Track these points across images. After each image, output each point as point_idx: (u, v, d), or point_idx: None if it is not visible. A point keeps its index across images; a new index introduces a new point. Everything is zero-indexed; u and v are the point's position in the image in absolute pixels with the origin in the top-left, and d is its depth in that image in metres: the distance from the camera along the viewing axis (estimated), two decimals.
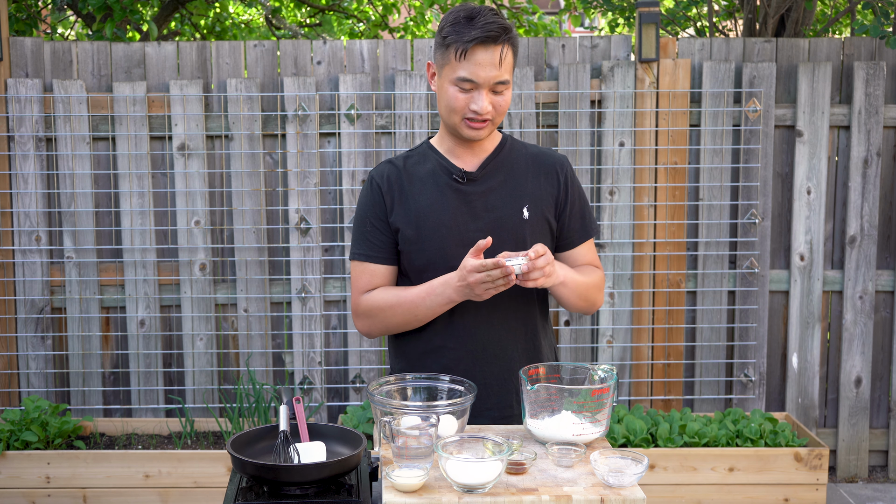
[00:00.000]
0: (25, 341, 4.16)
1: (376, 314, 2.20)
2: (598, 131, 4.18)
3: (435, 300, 2.13)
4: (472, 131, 2.14)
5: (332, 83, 4.16)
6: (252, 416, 3.96)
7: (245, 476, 1.83)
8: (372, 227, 2.22)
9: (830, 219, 4.29)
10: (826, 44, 4.25)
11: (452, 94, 2.10)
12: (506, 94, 2.12)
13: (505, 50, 2.08)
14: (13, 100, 4.05)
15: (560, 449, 1.82)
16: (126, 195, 4.11)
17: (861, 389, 4.28)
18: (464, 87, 2.09)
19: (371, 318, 2.22)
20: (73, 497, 3.74)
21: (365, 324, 2.24)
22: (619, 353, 4.23)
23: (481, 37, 2.04)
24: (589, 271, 2.27)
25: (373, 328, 2.24)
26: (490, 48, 2.06)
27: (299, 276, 4.16)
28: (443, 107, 2.15)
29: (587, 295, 2.23)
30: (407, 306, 2.16)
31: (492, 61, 2.06)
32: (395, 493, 1.68)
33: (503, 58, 2.07)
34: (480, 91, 2.09)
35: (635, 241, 4.17)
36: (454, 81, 2.09)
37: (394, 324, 2.20)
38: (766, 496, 3.74)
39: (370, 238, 2.22)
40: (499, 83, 2.09)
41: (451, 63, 2.09)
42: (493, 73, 2.07)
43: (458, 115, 2.12)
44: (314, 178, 4.13)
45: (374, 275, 2.22)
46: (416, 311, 2.16)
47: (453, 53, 2.08)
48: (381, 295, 2.20)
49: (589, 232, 2.30)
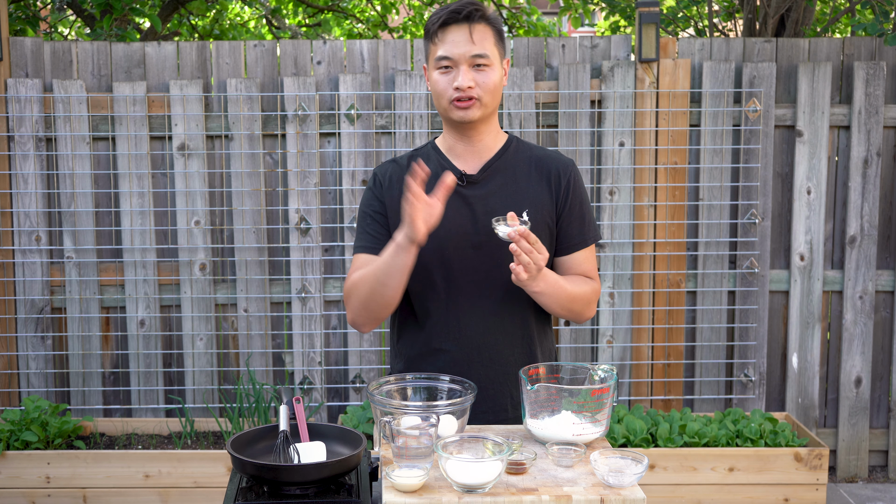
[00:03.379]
0: (25, 341, 4.16)
1: (352, 292, 2.16)
2: (598, 131, 4.18)
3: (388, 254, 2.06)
4: (461, 112, 2.14)
5: (332, 83, 4.16)
6: (252, 416, 3.96)
7: (245, 476, 1.83)
8: (371, 220, 2.23)
9: (830, 219, 4.29)
10: (826, 44, 4.25)
11: (436, 78, 2.16)
12: (489, 73, 2.13)
13: (477, 26, 2.13)
14: (13, 100, 4.05)
15: (560, 449, 1.82)
16: (126, 195, 4.11)
17: (861, 389, 4.28)
18: (443, 65, 2.13)
19: (349, 298, 2.17)
20: (73, 497, 3.74)
21: (348, 309, 2.20)
22: (619, 353, 4.23)
23: (451, 14, 2.12)
24: (580, 282, 2.20)
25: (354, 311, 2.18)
26: (462, 25, 2.12)
27: (299, 276, 4.16)
28: (435, 98, 2.19)
29: (570, 306, 2.17)
30: (372, 271, 2.11)
31: (465, 37, 2.12)
32: (395, 493, 1.68)
33: (475, 32, 2.12)
34: (459, 68, 2.12)
35: (635, 241, 4.17)
36: (435, 65, 2.15)
37: (365, 295, 2.13)
38: (766, 496, 3.74)
39: (369, 231, 2.22)
40: (476, 57, 2.12)
41: (432, 49, 2.16)
42: (467, 48, 2.11)
43: (445, 98, 2.15)
44: (314, 178, 4.13)
45: (365, 263, 2.19)
46: (379, 275, 2.09)
47: (431, 40, 2.16)
48: (356, 273, 2.17)
49: (587, 239, 2.24)
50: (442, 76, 2.14)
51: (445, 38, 2.13)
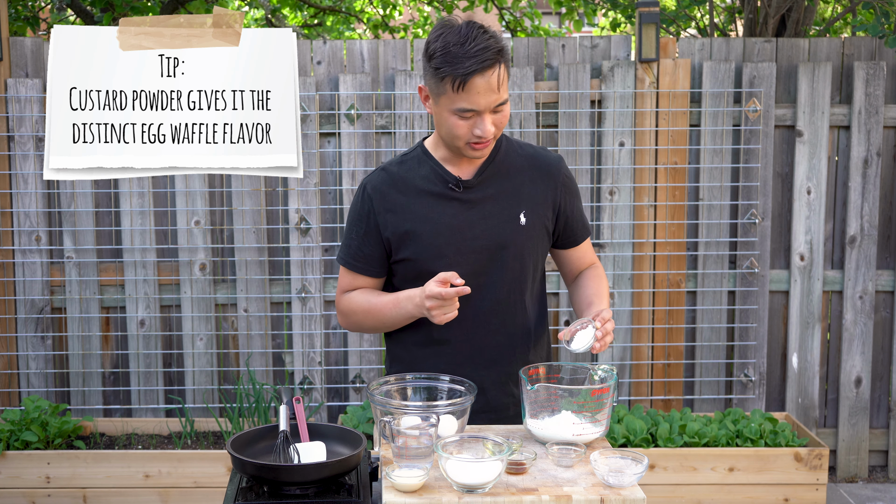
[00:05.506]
0: (25, 341, 4.16)
1: (350, 315, 2.27)
2: (598, 131, 4.18)
3: (398, 312, 2.17)
4: (477, 153, 2.12)
5: (332, 83, 4.16)
6: (252, 416, 3.96)
7: (245, 476, 1.83)
8: (358, 237, 2.23)
9: (830, 219, 4.29)
10: (826, 44, 4.25)
11: (454, 122, 2.07)
12: (505, 110, 2.09)
13: (500, 71, 2.03)
14: (13, 100, 4.05)
15: (560, 449, 1.82)
16: (126, 195, 4.11)
17: (861, 389, 4.28)
18: (465, 116, 2.06)
19: (347, 317, 2.28)
20: (73, 497, 3.74)
21: (342, 321, 2.31)
22: (619, 353, 4.23)
23: (477, 68, 2.00)
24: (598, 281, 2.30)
25: (349, 326, 2.31)
26: (486, 74, 2.01)
27: (299, 276, 4.16)
28: (444, 132, 2.12)
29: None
30: (375, 314, 2.21)
31: (490, 87, 2.02)
32: (395, 493, 1.68)
33: (500, 80, 2.03)
34: (482, 116, 2.05)
35: (635, 241, 4.17)
36: (454, 112, 2.05)
37: (366, 326, 2.27)
38: (766, 496, 3.74)
39: (354, 249, 2.24)
40: (499, 105, 2.06)
41: (449, 94, 2.04)
42: (493, 98, 2.04)
43: (461, 141, 2.10)
44: (314, 178, 4.13)
45: (356, 278, 2.26)
46: (384, 319, 2.21)
47: (450, 85, 2.02)
48: (357, 298, 2.25)
49: (588, 228, 2.35)
50: (461, 122, 2.06)
51: (470, 90, 2.01)
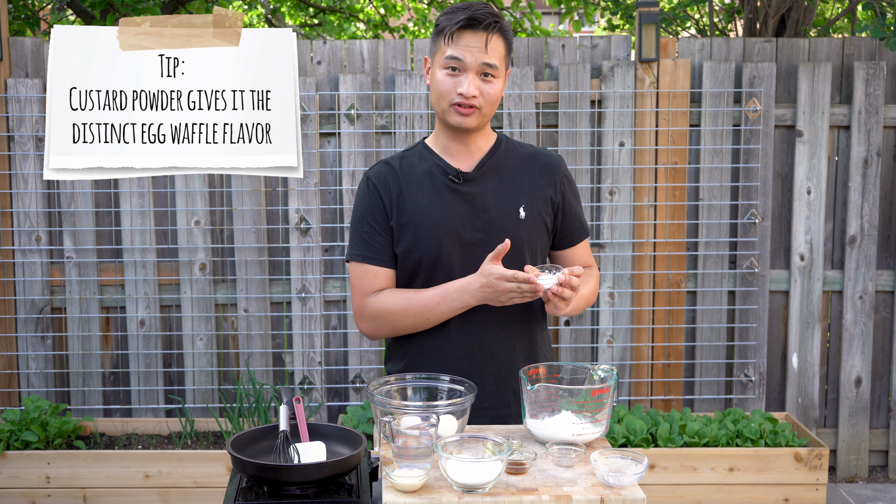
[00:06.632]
0: (25, 341, 4.16)
1: (385, 317, 2.19)
2: (598, 131, 4.18)
3: (450, 304, 2.14)
4: (460, 117, 2.16)
5: (332, 83, 4.16)
6: (252, 416, 3.96)
7: (245, 476, 1.83)
8: (370, 228, 2.22)
9: (830, 219, 4.29)
10: (826, 44, 4.25)
11: (441, 77, 2.15)
12: (494, 84, 2.15)
13: (493, 37, 2.13)
14: (13, 100, 4.05)
15: (560, 449, 1.82)
16: (126, 195, 4.11)
17: (861, 389, 4.28)
18: (452, 66, 2.13)
19: (378, 320, 2.20)
20: (73, 497, 3.74)
21: (371, 326, 2.22)
22: (619, 353, 4.23)
23: (469, 18, 2.11)
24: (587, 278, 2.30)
25: (379, 330, 2.23)
26: (478, 32, 2.12)
27: (299, 276, 4.16)
28: (433, 95, 2.19)
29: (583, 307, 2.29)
30: (419, 310, 2.16)
31: (479, 44, 2.12)
32: (395, 493, 1.68)
33: (489, 42, 2.12)
34: (467, 74, 2.13)
35: (635, 241, 4.17)
36: (443, 64, 2.14)
37: (403, 326, 2.20)
38: (766, 496, 3.74)
39: (368, 240, 2.21)
40: (486, 65, 2.12)
41: (441, 48, 2.15)
42: (480, 56, 2.12)
43: (446, 101, 2.15)
44: (314, 178, 4.13)
45: (376, 276, 2.21)
46: (429, 315, 2.16)
47: (443, 38, 2.14)
48: (391, 298, 2.19)
49: (586, 229, 2.35)
50: (447, 77, 2.14)
51: (460, 41, 2.12)
